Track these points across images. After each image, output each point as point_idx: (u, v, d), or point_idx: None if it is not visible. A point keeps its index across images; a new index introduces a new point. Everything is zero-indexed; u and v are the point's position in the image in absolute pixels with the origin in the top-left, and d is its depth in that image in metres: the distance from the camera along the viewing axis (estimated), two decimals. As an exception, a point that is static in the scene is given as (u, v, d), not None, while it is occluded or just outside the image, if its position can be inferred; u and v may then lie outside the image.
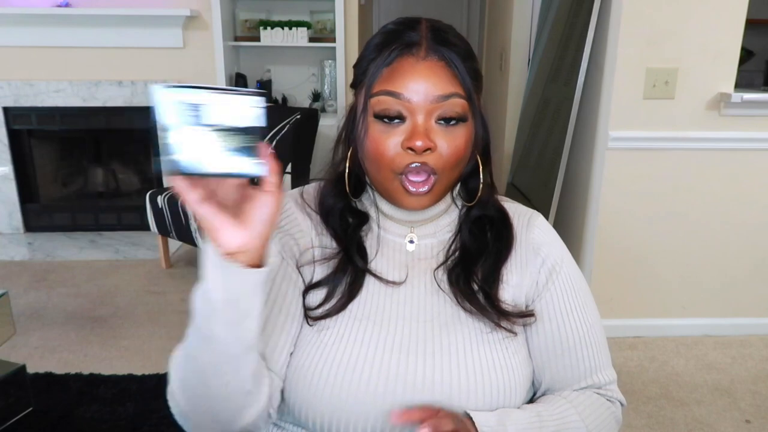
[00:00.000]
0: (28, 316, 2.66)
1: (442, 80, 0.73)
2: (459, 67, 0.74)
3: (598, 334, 0.84)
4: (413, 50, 0.74)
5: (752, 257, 2.45)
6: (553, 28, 2.87)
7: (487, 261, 0.82)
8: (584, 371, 0.82)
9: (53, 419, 1.91)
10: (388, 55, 0.75)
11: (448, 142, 0.75)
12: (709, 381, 2.19)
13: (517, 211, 0.88)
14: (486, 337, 0.78)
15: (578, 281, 0.85)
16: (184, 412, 0.71)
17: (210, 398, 0.67)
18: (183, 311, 2.72)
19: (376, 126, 0.76)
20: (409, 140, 0.74)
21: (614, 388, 0.84)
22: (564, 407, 0.78)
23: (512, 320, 0.79)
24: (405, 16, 0.80)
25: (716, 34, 2.18)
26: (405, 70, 0.74)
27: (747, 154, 2.32)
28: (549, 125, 2.71)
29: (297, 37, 3.49)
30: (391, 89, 0.74)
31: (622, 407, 0.85)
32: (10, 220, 3.79)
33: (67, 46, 3.52)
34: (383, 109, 0.74)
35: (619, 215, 2.37)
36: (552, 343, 0.81)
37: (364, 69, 0.78)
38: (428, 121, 0.74)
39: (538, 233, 0.85)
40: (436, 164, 0.75)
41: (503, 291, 0.81)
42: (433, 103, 0.74)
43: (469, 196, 0.85)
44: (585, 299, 0.84)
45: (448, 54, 0.74)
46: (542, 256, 0.83)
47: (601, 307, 2.64)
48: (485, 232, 0.84)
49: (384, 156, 0.75)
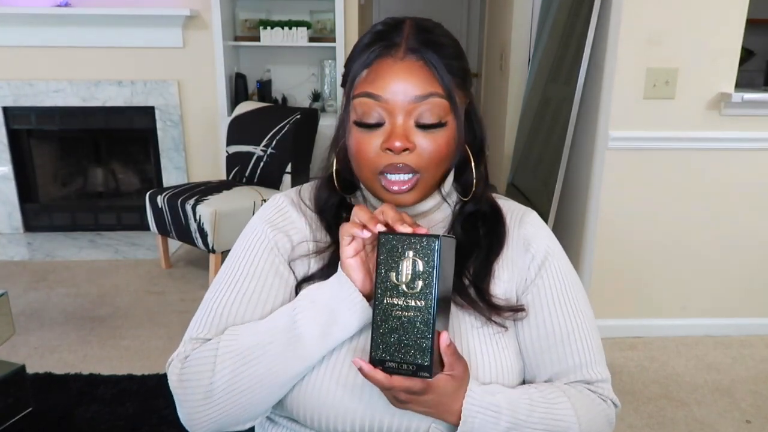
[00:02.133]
0: (27, 316, 2.65)
1: (420, 80, 0.74)
2: (438, 66, 0.74)
3: (589, 330, 0.83)
4: (392, 51, 0.75)
5: (752, 257, 2.45)
6: (553, 28, 2.87)
7: (478, 256, 0.82)
8: (573, 366, 0.81)
9: (53, 419, 1.91)
10: (368, 56, 0.76)
11: (429, 141, 0.76)
12: (710, 381, 2.19)
13: (510, 208, 0.88)
14: (477, 331, 0.78)
15: (568, 277, 0.84)
16: (216, 401, 0.74)
17: (256, 397, 0.74)
18: (182, 311, 2.72)
19: (357, 129, 0.77)
20: (388, 141, 0.75)
21: (607, 387, 0.83)
22: (556, 393, 0.78)
23: (503, 315, 0.80)
24: (393, 17, 0.80)
25: (716, 34, 2.18)
26: (383, 71, 0.74)
27: (747, 154, 2.32)
28: (549, 125, 2.71)
29: (297, 37, 3.49)
30: (370, 90, 0.75)
31: (616, 409, 0.84)
32: (10, 220, 3.79)
33: (67, 46, 3.52)
34: (363, 114, 0.75)
35: (619, 215, 2.37)
36: (539, 336, 0.81)
37: (348, 69, 0.79)
38: (407, 121, 0.75)
39: (529, 229, 0.85)
40: (417, 163, 0.76)
41: (495, 286, 0.82)
42: (412, 103, 0.74)
43: (464, 191, 0.86)
44: (575, 295, 0.84)
45: (426, 54, 0.74)
46: (532, 252, 0.84)
47: (601, 307, 2.64)
48: (478, 228, 0.85)
49: (364, 157, 0.77)
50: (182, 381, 0.75)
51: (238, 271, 0.81)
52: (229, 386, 0.73)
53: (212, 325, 0.79)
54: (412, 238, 0.66)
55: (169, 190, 3.06)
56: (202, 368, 0.74)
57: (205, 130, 3.72)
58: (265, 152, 3.17)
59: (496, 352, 0.78)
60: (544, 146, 2.73)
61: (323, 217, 0.85)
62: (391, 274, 0.66)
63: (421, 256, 0.65)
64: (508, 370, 0.78)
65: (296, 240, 0.84)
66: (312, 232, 0.85)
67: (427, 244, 0.65)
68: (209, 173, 3.73)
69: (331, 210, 0.85)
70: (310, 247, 0.83)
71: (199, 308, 0.83)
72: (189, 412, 0.75)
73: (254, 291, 0.80)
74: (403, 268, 0.66)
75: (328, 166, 0.86)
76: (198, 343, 0.78)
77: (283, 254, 0.82)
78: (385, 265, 0.66)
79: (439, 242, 0.65)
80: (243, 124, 3.27)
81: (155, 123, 3.68)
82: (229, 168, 3.32)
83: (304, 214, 0.86)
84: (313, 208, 0.86)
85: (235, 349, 0.73)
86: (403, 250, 0.66)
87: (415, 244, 0.66)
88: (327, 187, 0.86)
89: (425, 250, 0.65)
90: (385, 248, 0.66)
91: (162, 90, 3.61)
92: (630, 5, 2.15)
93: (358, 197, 0.88)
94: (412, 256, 0.65)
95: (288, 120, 3.14)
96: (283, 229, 0.84)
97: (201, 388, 0.74)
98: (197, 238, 2.89)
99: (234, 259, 0.83)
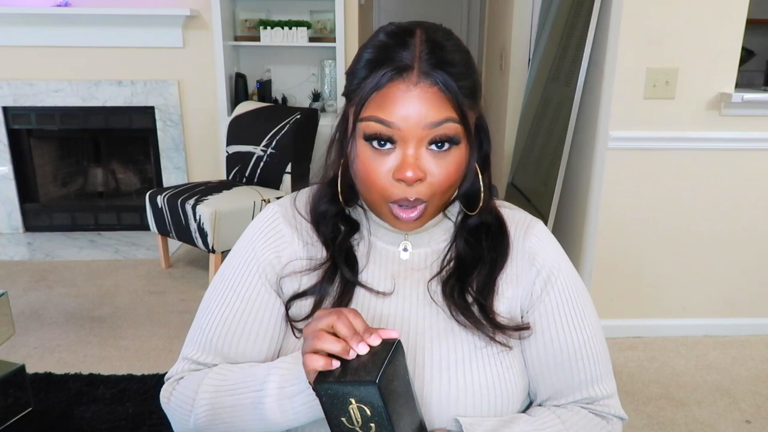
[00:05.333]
0: (27, 316, 2.65)
1: (434, 106, 0.70)
2: (453, 90, 0.70)
3: (597, 345, 0.81)
4: (404, 75, 0.70)
5: (752, 257, 2.45)
6: (553, 28, 2.87)
7: (482, 271, 0.80)
8: (579, 383, 0.80)
9: (53, 419, 1.91)
10: (379, 79, 0.70)
11: (440, 168, 0.73)
12: (710, 381, 2.19)
13: (515, 219, 0.85)
14: (480, 351, 0.76)
15: (576, 291, 0.82)
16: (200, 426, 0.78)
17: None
18: (182, 311, 2.72)
19: (365, 149, 0.73)
20: (399, 171, 0.72)
21: (611, 403, 0.81)
22: (553, 422, 0.77)
23: (508, 333, 0.77)
24: (399, 24, 0.75)
25: (716, 34, 2.18)
26: (396, 97, 0.70)
27: (747, 154, 2.32)
28: (549, 125, 2.71)
29: (297, 36, 3.49)
30: (381, 117, 0.71)
31: (622, 422, 0.82)
32: (10, 220, 3.79)
33: (67, 46, 3.52)
34: (373, 134, 0.72)
35: (620, 215, 2.37)
36: (546, 355, 0.79)
37: (354, 87, 0.74)
38: (419, 148, 0.72)
39: (534, 242, 0.83)
40: (427, 195, 0.74)
41: (498, 303, 0.79)
42: (425, 130, 0.71)
43: (468, 203, 0.82)
44: (583, 310, 0.81)
45: (441, 77, 0.70)
46: (537, 267, 0.81)
47: (601, 307, 2.64)
48: (481, 241, 0.82)
49: (374, 183, 0.74)
50: (169, 409, 0.82)
51: (229, 292, 0.82)
52: (207, 423, 0.77)
53: (203, 348, 0.82)
54: (348, 386, 0.60)
55: (169, 190, 3.06)
56: (184, 406, 0.79)
57: (205, 130, 3.72)
58: (265, 152, 3.17)
59: (500, 371, 0.76)
60: (544, 146, 2.73)
61: (319, 231, 0.83)
62: (342, 419, 0.62)
63: (365, 402, 0.60)
64: (512, 388, 0.77)
65: (286, 259, 0.82)
66: (305, 246, 0.83)
67: (366, 391, 0.59)
68: (209, 173, 3.73)
69: (328, 223, 0.83)
70: (302, 265, 0.82)
71: (193, 323, 0.85)
72: (177, 429, 0.82)
73: (243, 313, 0.81)
74: (352, 414, 0.61)
75: (327, 173, 0.83)
76: (190, 365, 0.82)
77: (270, 279, 0.82)
78: (333, 412, 0.62)
79: (377, 388, 0.59)
80: (243, 124, 3.27)
81: (155, 123, 3.67)
82: (229, 168, 3.32)
83: (297, 228, 0.84)
84: (309, 219, 0.84)
85: (210, 401, 0.76)
86: (345, 398, 0.61)
87: (353, 391, 0.60)
88: (326, 198, 0.83)
89: (366, 397, 0.60)
90: (325, 398, 0.61)
91: (162, 90, 3.61)
92: (630, 5, 2.15)
93: (358, 210, 0.85)
94: (356, 402, 0.61)
95: (288, 120, 3.14)
96: (272, 246, 0.83)
97: (182, 423, 0.80)
98: (197, 238, 2.89)
99: (226, 277, 0.84)
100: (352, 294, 0.80)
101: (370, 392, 0.59)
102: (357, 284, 0.80)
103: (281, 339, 0.81)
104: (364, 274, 0.81)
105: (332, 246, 0.81)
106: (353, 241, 0.83)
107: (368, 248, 0.83)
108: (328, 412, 0.62)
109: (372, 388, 0.59)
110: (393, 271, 0.82)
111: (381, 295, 0.80)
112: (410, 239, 0.83)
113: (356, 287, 0.80)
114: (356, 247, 0.83)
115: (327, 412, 0.62)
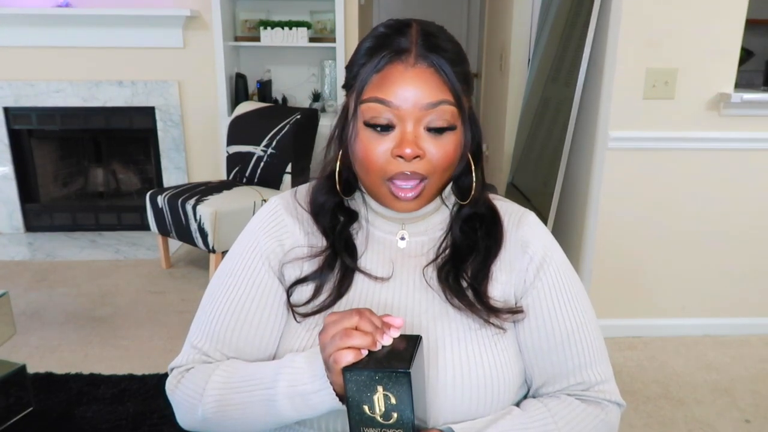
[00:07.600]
0: (28, 316, 2.66)
1: (431, 87, 0.74)
2: (448, 73, 0.75)
3: (590, 330, 0.83)
4: (403, 57, 0.75)
5: (752, 257, 2.45)
6: (553, 28, 2.87)
7: (476, 259, 0.82)
8: (573, 368, 0.81)
9: (53, 419, 1.92)
10: (378, 61, 0.75)
11: (437, 148, 0.76)
12: (709, 381, 2.20)
13: (508, 210, 0.88)
14: (475, 333, 0.78)
15: (567, 277, 0.84)
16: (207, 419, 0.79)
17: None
18: (183, 311, 2.72)
19: (365, 132, 0.77)
20: (398, 148, 0.75)
21: (607, 389, 0.82)
22: (542, 414, 0.77)
23: (501, 317, 0.80)
24: (396, 19, 0.80)
25: (716, 34, 2.18)
26: (394, 78, 0.74)
27: (747, 154, 2.32)
28: (549, 125, 2.71)
29: (297, 37, 3.49)
30: (380, 96, 0.75)
31: (621, 408, 0.83)
32: (11, 220, 3.79)
33: (67, 46, 3.53)
34: (373, 117, 0.75)
35: (619, 215, 2.37)
36: (540, 339, 0.81)
37: (355, 73, 0.79)
38: (417, 128, 0.75)
39: (527, 230, 0.85)
40: (426, 170, 0.77)
41: (492, 288, 0.82)
42: (423, 110, 0.74)
43: (462, 194, 0.86)
44: (575, 295, 0.84)
45: (437, 60, 0.75)
46: (530, 254, 0.83)
47: (601, 307, 2.64)
48: (476, 230, 0.85)
49: (373, 162, 0.77)
50: (174, 399, 0.83)
51: (233, 279, 0.84)
52: (215, 418, 0.78)
53: (209, 337, 0.83)
54: (380, 372, 0.62)
55: (170, 190, 3.06)
56: (191, 400, 0.80)
57: (205, 131, 3.72)
58: (266, 152, 3.18)
59: (495, 353, 0.78)
60: (544, 146, 2.73)
61: (319, 221, 0.86)
62: (364, 407, 0.63)
63: (392, 390, 0.62)
64: (507, 371, 0.78)
65: (288, 246, 0.85)
66: (306, 236, 0.86)
67: (396, 379, 0.61)
68: (209, 173, 3.73)
69: (327, 214, 0.86)
70: (303, 252, 0.84)
71: (199, 309, 0.87)
72: (182, 418, 0.83)
73: (247, 299, 0.82)
74: (376, 402, 0.63)
75: (326, 168, 0.86)
76: (197, 355, 0.83)
77: (273, 265, 0.84)
78: (356, 399, 0.63)
79: (409, 377, 0.61)
80: (243, 124, 3.28)
81: (156, 123, 3.68)
82: (229, 168, 3.33)
83: (298, 218, 0.87)
84: (309, 210, 0.87)
85: (218, 397, 0.77)
86: (373, 385, 0.62)
87: (383, 379, 0.62)
88: (325, 190, 0.86)
89: (396, 384, 0.62)
90: (353, 384, 0.63)
91: (162, 90, 3.62)
92: (630, 5, 2.15)
93: (356, 200, 0.88)
94: (382, 390, 0.62)
95: (288, 120, 3.15)
96: (274, 235, 0.85)
97: (189, 414, 0.81)
98: (197, 238, 2.89)
99: (230, 266, 0.86)
100: (351, 280, 0.82)
101: (400, 380, 0.61)
102: (356, 270, 0.83)
103: (283, 325, 0.83)
104: (363, 260, 0.84)
105: (332, 235, 0.84)
106: (352, 230, 0.86)
107: (366, 236, 0.86)
108: (352, 400, 0.63)
109: (404, 377, 0.61)
110: (391, 258, 0.85)
111: (380, 280, 0.83)
112: (408, 228, 0.86)
113: (355, 273, 0.83)
114: (355, 236, 0.86)
115: (350, 399, 0.63)
